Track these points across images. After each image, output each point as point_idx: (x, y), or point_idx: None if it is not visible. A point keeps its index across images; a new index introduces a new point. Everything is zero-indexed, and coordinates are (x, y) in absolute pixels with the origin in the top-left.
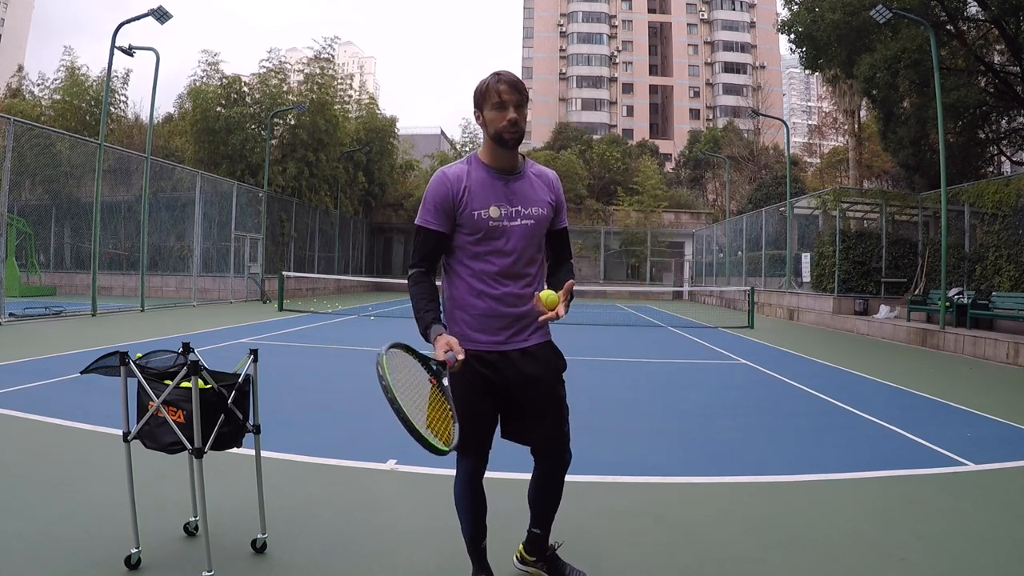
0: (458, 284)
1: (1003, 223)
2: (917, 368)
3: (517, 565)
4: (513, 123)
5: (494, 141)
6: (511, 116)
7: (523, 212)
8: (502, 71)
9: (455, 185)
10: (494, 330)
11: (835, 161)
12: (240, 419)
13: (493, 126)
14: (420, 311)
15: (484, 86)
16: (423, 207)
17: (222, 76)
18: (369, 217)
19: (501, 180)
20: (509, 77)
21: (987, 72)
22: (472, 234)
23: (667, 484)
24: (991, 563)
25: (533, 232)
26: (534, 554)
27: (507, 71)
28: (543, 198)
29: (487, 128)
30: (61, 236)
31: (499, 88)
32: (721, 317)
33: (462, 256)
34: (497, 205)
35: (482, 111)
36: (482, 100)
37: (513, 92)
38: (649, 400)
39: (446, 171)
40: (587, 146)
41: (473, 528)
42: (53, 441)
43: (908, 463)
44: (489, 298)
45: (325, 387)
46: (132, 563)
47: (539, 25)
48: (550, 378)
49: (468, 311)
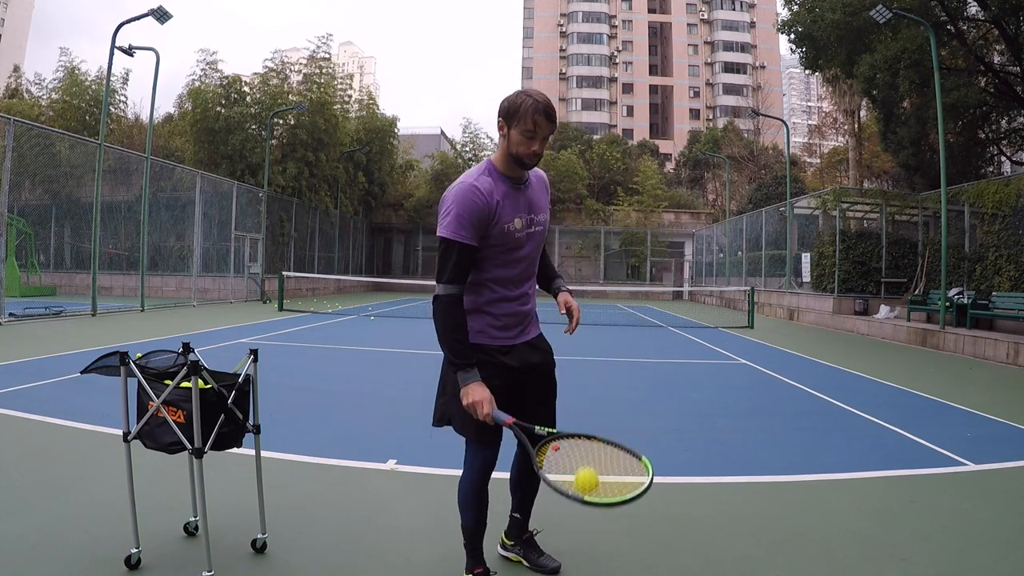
0: (483, 292)
1: (1003, 223)
2: (917, 368)
3: (499, 552)
4: (538, 155)
5: (512, 159)
6: (537, 148)
7: (535, 220)
8: (542, 97)
9: (490, 200)
10: (511, 327)
11: (835, 161)
12: (240, 419)
13: (516, 148)
14: (457, 347)
15: (520, 107)
16: (455, 221)
17: (222, 76)
18: (369, 217)
19: (518, 190)
20: (549, 110)
21: (987, 72)
22: (499, 245)
23: (667, 484)
24: (991, 563)
25: (542, 236)
26: (514, 539)
27: (546, 98)
28: (545, 203)
29: (509, 145)
30: (61, 236)
31: (536, 119)
32: (721, 317)
33: (487, 265)
34: (520, 217)
35: (509, 127)
36: (514, 118)
37: (548, 126)
38: (649, 400)
39: (478, 185)
40: (587, 146)
41: (478, 522)
42: (53, 441)
43: (908, 463)
44: (511, 301)
45: (325, 387)
46: (132, 563)
47: (539, 25)
48: (549, 364)
49: (493, 314)
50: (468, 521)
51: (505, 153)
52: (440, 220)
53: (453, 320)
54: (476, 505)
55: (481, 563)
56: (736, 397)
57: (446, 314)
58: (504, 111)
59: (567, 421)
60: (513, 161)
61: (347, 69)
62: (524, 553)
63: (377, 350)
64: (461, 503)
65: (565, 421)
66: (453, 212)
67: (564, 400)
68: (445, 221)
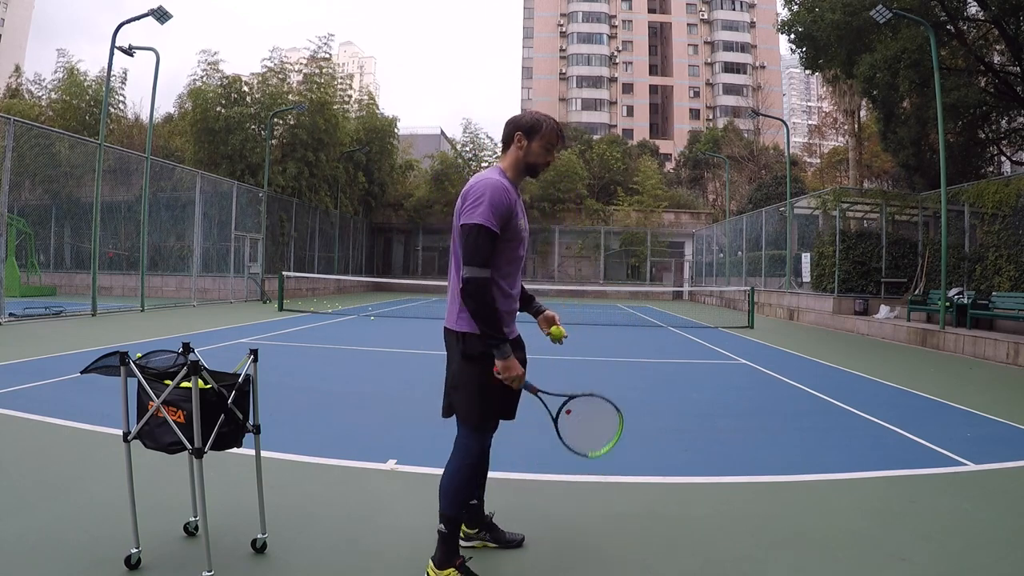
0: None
1: (1003, 223)
2: (917, 368)
3: (463, 543)
4: (550, 165)
5: (525, 168)
6: (552, 159)
7: (527, 224)
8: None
9: (513, 196)
10: (509, 323)
11: (835, 161)
12: (240, 419)
13: (535, 158)
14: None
15: (544, 125)
16: (487, 209)
17: (222, 76)
18: (369, 217)
19: (519, 196)
20: (563, 132)
21: (987, 72)
22: (510, 241)
23: (667, 484)
24: (991, 563)
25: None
26: (475, 526)
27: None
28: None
29: (526, 155)
30: (61, 236)
31: (556, 136)
32: (721, 317)
33: (499, 262)
34: (523, 217)
35: (531, 141)
36: (536, 133)
37: (560, 143)
38: (649, 400)
39: (504, 183)
40: (587, 146)
41: (464, 506)
42: (53, 441)
43: (908, 463)
44: (509, 299)
45: (325, 387)
46: (132, 563)
47: (539, 25)
48: (524, 359)
49: (503, 310)
50: (455, 509)
51: (519, 161)
52: (470, 208)
53: (492, 301)
54: (467, 492)
55: (458, 552)
56: (736, 397)
57: (486, 294)
58: (527, 126)
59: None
60: (526, 169)
61: (347, 69)
62: (491, 536)
63: (377, 350)
64: (452, 490)
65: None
66: (487, 202)
67: None
68: (479, 209)
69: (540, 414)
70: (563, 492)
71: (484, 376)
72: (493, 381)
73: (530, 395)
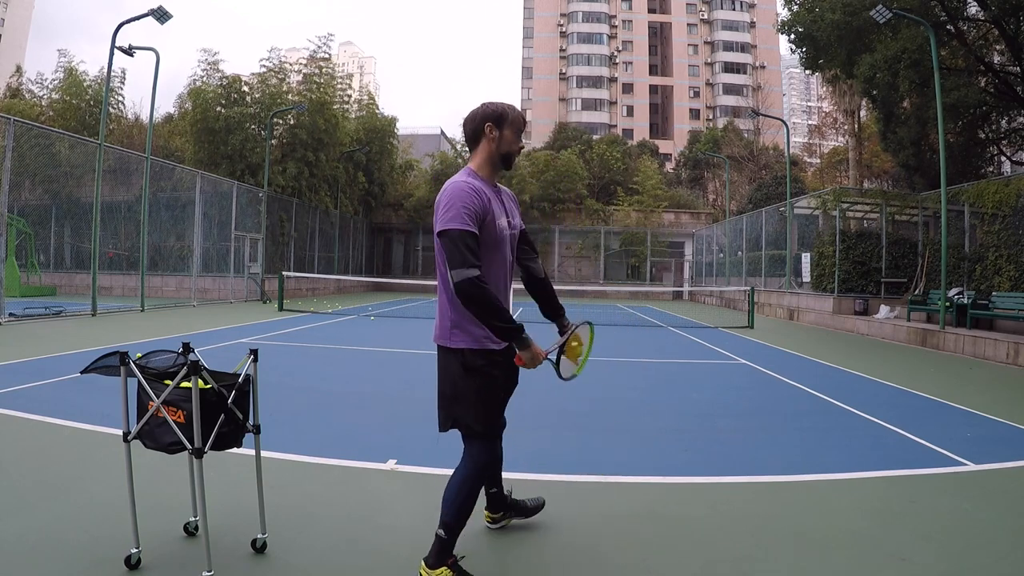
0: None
1: (1003, 223)
2: (917, 368)
3: (491, 527)
4: (522, 150)
5: (500, 159)
6: (522, 145)
7: (511, 223)
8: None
9: (483, 196)
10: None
11: (835, 161)
12: (240, 419)
13: (508, 146)
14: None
15: (508, 111)
16: (457, 213)
17: (222, 76)
18: (369, 217)
19: (496, 193)
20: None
21: (987, 72)
22: (489, 241)
23: (667, 484)
24: (991, 563)
25: (515, 240)
26: (500, 509)
27: None
28: (517, 212)
29: (499, 146)
30: (61, 236)
31: (522, 119)
32: (721, 317)
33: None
34: (503, 216)
35: (501, 130)
36: (505, 120)
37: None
38: (649, 400)
39: (471, 182)
40: (587, 146)
41: (467, 517)
42: (53, 441)
43: (908, 463)
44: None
45: (325, 387)
46: (132, 563)
47: (539, 25)
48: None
49: None
50: (455, 518)
51: (493, 155)
52: (441, 218)
53: (492, 295)
54: (471, 503)
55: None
56: (736, 397)
57: (483, 292)
58: (495, 116)
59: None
60: (501, 160)
61: (347, 69)
62: (516, 514)
63: (377, 350)
64: (456, 501)
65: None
66: (455, 206)
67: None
68: (448, 216)
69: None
70: (563, 492)
71: (484, 382)
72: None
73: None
